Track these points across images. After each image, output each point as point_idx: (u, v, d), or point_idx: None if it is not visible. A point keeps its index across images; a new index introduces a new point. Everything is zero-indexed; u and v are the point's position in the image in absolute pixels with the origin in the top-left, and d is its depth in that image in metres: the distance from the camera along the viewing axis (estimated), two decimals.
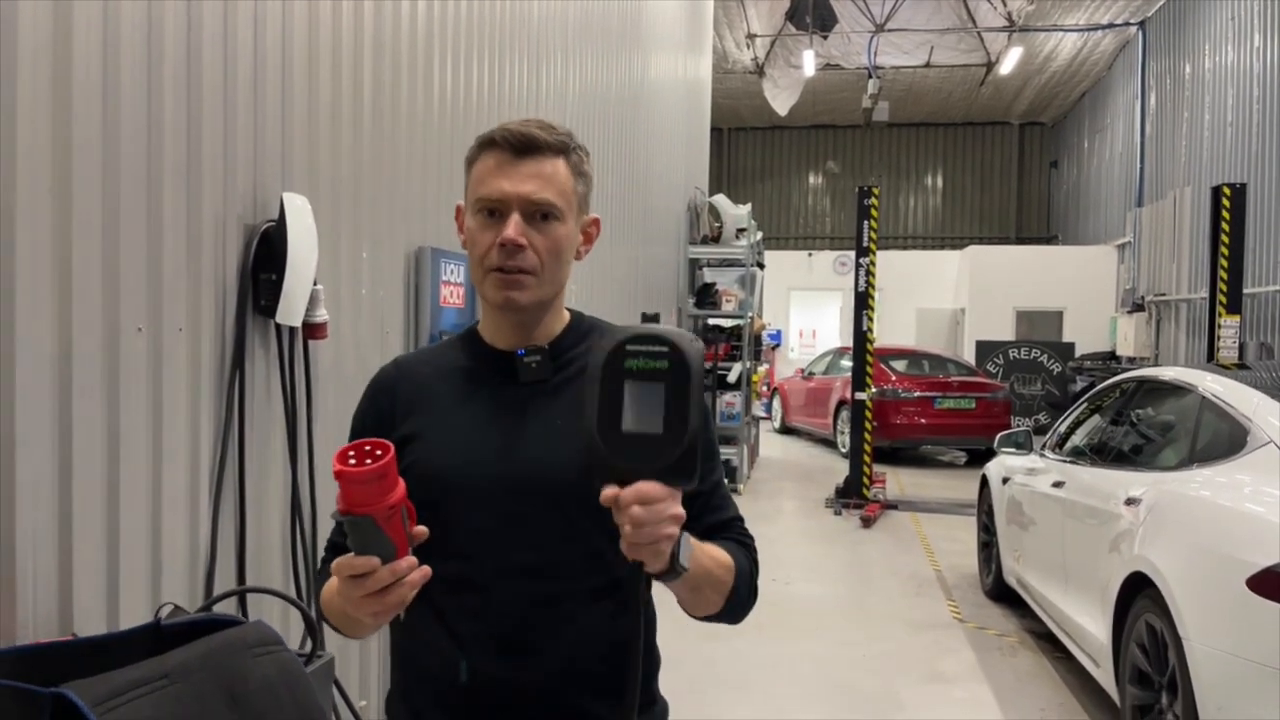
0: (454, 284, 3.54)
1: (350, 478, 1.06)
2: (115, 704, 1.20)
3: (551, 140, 1.29)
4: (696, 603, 1.29)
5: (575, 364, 1.35)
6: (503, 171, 1.28)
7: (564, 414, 1.30)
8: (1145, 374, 4.72)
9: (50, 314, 1.71)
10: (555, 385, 1.35)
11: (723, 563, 1.29)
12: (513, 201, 1.27)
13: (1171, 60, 14.17)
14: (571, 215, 1.32)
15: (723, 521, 1.39)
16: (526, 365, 1.34)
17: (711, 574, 1.26)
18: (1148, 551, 3.26)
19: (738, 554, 1.34)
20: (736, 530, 1.41)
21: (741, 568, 1.33)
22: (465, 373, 1.39)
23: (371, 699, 3.05)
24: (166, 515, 2.04)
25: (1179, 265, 13.03)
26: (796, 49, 16.19)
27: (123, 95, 1.87)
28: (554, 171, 1.29)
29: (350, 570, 1.09)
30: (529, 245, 1.27)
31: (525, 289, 1.29)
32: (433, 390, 1.39)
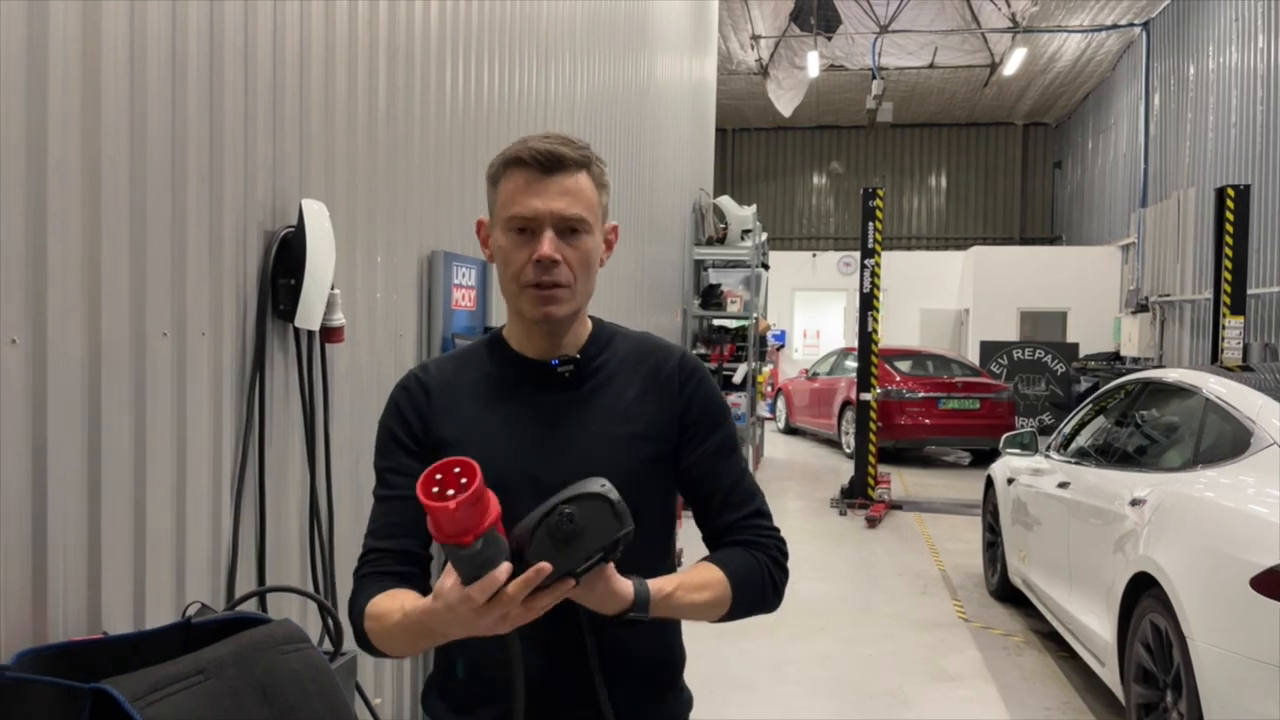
0: (465, 287, 3.58)
1: (445, 514, 1.06)
2: (154, 699, 1.24)
3: (576, 156, 1.33)
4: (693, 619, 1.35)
5: (603, 371, 1.43)
6: (532, 190, 1.31)
7: (596, 420, 1.37)
8: (1150, 376, 4.75)
9: (80, 319, 1.75)
10: (586, 392, 1.40)
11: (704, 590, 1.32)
12: (545, 219, 1.31)
13: (1176, 61, 14.18)
14: (598, 227, 1.37)
15: (738, 520, 1.42)
16: (560, 374, 1.39)
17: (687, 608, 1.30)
18: (1152, 552, 3.30)
19: (737, 563, 1.36)
20: (752, 528, 1.42)
21: (741, 576, 1.35)
22: (497, 380, 1.43)
23: (386, 695, 3.09)
24: (190, 516, 2.08)
25: (1183, 266, 13.05)
26: (801, 50, 16.23)
27: (149, 106, 1.91)
28: (580, 186, 1.33)
29: (494, 587, 1.08)
30: (562, 260, 1.32)
31: (561, 303, 1.34)
32: (466, 397, 1.42)
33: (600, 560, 1.16)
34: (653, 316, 7.98)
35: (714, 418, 1.45)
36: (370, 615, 1.31)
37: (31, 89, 1.63)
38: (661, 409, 1.42)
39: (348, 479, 2.78)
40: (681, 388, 1.44)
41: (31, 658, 1.41)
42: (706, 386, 1.47)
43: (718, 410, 1.47)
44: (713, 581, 1.33)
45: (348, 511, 2.79)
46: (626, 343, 1.47)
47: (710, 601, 1.32)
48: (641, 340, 1.50)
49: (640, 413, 1.41)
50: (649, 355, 1.46)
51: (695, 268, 10.54)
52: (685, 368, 1.46)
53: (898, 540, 7.85)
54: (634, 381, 1.43)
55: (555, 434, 1.37)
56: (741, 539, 1.41)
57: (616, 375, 1.43)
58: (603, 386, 1.41)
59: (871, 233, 9.00)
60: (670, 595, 1.27)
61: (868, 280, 9.00)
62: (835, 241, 22.05)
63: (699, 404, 1.44)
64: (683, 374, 1.44)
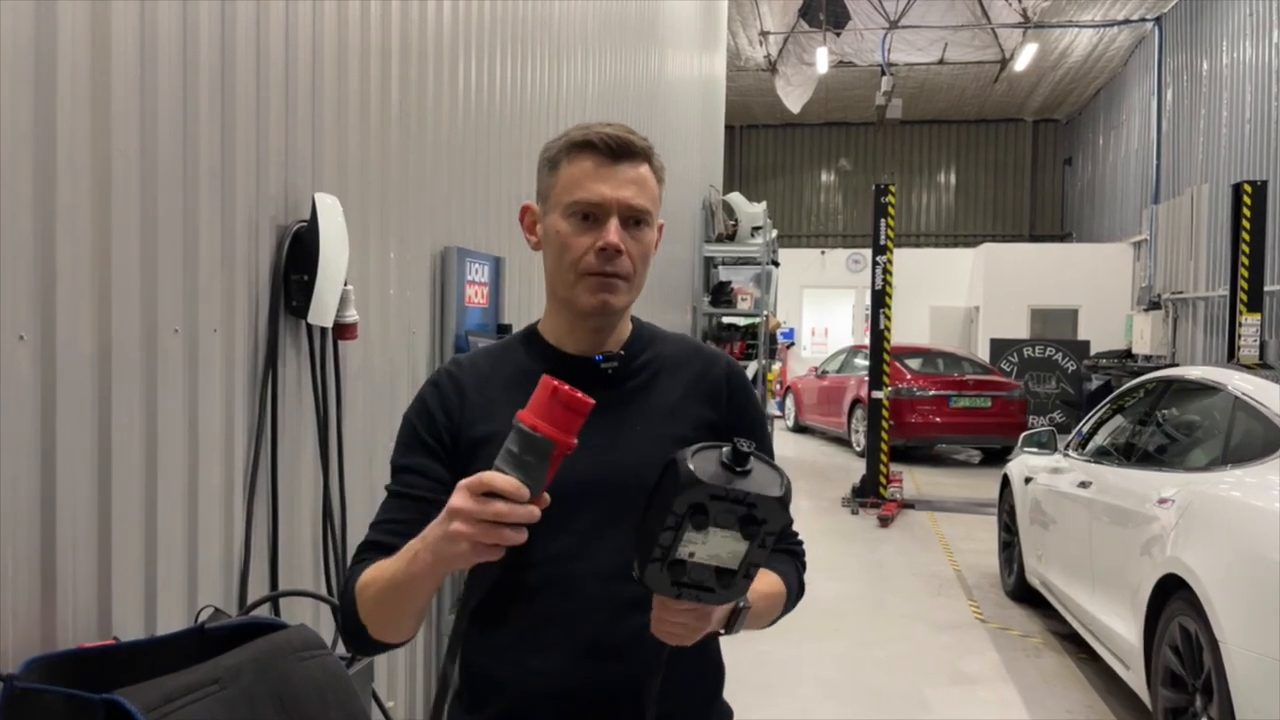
0: (479, 284, 3.53)
1: (566, 400, 1.02)
2: (168, 710, 1.20)
3: (642, 145, 1.30)
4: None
5: (646, 370, 1.38)
6: (600, 175, 1.26)
7: (641, 419, 1.34)
8: (1171, 374, 4.68)
9: (90, 315, 1.71)
10: (629, 391, 1.36)
11: (773, 595, 1.35)
12: (613, 206, 1.26)
13: (1188, 56, 14.07)
14: (654, 220, 1.34)
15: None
16: (604, 371, 1.34)
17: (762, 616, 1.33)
18: (1181, 553, 3.23)
19: (788, 570, 1.41)
20: (789, 538, 1.46)
21: (791, 586, 1.40)
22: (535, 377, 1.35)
23: (399, 699, 3.04)
24: (202, 517, 2.04)
25: (1197, 263, 12.95)
26: (810, 46, 16.15)
27: (159, 100, 1.87)
28: (645, 177, 1.30)
29: (494, 486, 1.00)
30: (625, 250, 1.28)
31: (619, 293, 1.30)
32: (501, 395, 1.33)
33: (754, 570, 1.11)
34: (663, 314, 7.93)
35: (757, 426, 1.44)
36: (359, 588, 1.21)
37: (40, 82, 1.58)
38: (707, 414, 1.38)
39: (361, 478, 2.73)
40: (731, 397, 1.41)
41: (40, 665, 1.36)
42: (752, 397, 1.47)
43: (760, 419, 1.47)
44: (777, 591, 1.36)
45: (361, 511, 2.74)
46: (668, 344, 1.44)
47: (774, 610, 1.37)
48: (683, 342, 1.47)
49: (685, 415, 1.37)
50: (693, 358, 1.43)
51: (705, 265, 10.48)
52: (734, 377, 1.44)
53: (911, 540, 7.78)
54: (678, 383, 1.39)
55: (599, 433, 1.25)
56: (784, 547, 1.45)
57: (660, 375, 1.39)
58: (646, 386, 1.37)
59: (884, 229, 8.93)
60: (755, 603, 1.28)
61: (880, 277, 8.93)
62: (844, 239, 21.98)
63: (747, 416, 1.42)
64: (732, 384, 1.43)
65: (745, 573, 1.08)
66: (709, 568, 1.07)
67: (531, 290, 4.30)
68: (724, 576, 1.08)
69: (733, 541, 1.05)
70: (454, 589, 3.36)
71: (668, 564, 1.07)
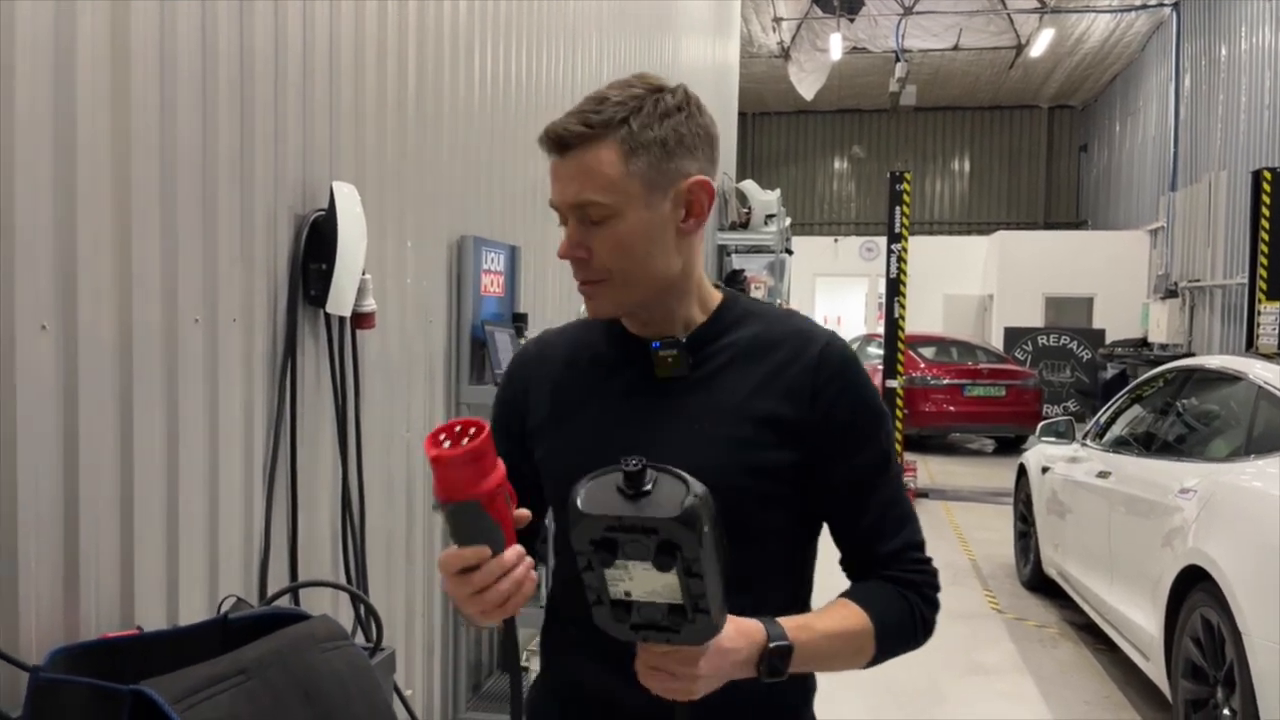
0: (495, 272, 3.52)
1: (445, 462, 0.95)
2: (194, 701, 1.19)
3: (584, 130, 1.10)
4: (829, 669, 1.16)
5: (718, 357, 1.19)
6: (554, 174, 1.15)
7: (701, 416, 1.16)
8: (1191, 363, 4.64)
9: (111, 305, 1.70)
10: (693, 382, 1.18)
11: (841, 635, 1.13)
12: (564, 210, 1.15)
13: (1207, 42, 13.91)
14: (636, 202, 1.11)
15: (888, 554, 1.19)
16: (662, 359, 1.18)
17: (829, 657, 1.13)
18: (1204, 544, 3.21)
19: (884, 603, 1.16)
20: (905, 563, 1.20)
21: (889, 621, 1.16)
22: (601, 360, 1.24)
23: (417, 687, 3.05)
24: (223, 507, 2.04)
25: (1214, 250, 12.83)
26: (823, 32, 16.04)
27: (179, 89, 1.86)
28: (596, 163, 1.10)
29: (459, 564, 0.97)
30: (591, 252, 1.13)
31: (600, 299, 1.16)
32: (566, 377, 1.25)
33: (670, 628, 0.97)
34: None
35: (864, 428, 1.18)
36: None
37: (59, 72, 1.57)
38: (783, 411, 1.15)
39: (379, 468, 2.73)
40: (819, 391, 1.16)
41: (65, 656, 1.36)
42: (855, 387, 1.18)
43: (870, 418, 1.19)
44: (855, 628, 1.13)
45: (379, 501, 2.74)
46: (758, 324, 1.21)
47: (848, 652, 1.14)
48: (778, 322, 1.21)
49: (750, 413, 1.15)
50: (782, 342, 1.18)
51: (718, 253, 10.44)
52: (827, 363, 1.16)
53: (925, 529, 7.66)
54: (753, 374, 1.17)
55: (651, 428, 1.17)
56: (890, 574, 1.19)
57: (734, 364, 1.18)
58: (714, 376, 1.17)
59: (899, 217, 8.87)
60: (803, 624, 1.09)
61: (894, 265, 8.88)
62: (857, 226, 21.87)
63: (844, 411, 1.16)
64: (822, 372, 1.16)
65: (696, 606, 0.95)
66: (658, 605, 0.96)
67: (546, 279, 4.28)
68: (675, 614, 0.96)
69: (657, 574, 0.94)
70: None
71: (610, 606, 0.98)
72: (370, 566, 2.63)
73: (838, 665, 1.15)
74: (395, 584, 2.88)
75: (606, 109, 1.12)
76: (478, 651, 3.61)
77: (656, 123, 1.12)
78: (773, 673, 1.05)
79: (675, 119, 1.13)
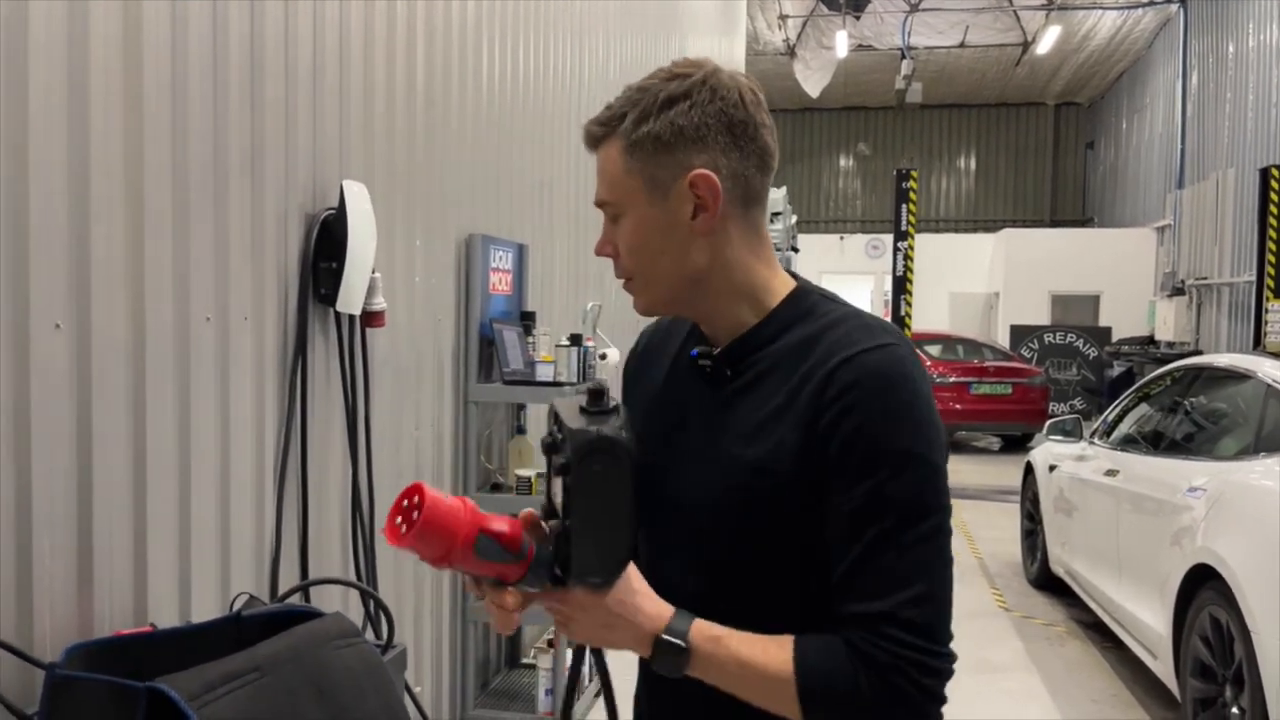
0: (502, 270, 3.52)
1: (411, 546, 0.94)
2: (210, 698, 1.20)
3: (597, 129, 1.08)
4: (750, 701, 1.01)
5: (756, 367, 1.07)
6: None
7: (725, 433, 1.06)
8: (1200, 361, 4.63)
9: (124, 304, 1.71)
10: (730, 395, 1.08)
11: (754, 665, 0.97)
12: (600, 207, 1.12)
13: (1214, 39, 13.86)
14: (639, 199, 1.06)
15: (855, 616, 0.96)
16: (701, 369, 1.11)
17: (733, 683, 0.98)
18: (1212, 543, 3.20)
19: (819, 660, 0.95)
20: (875, 634, 0.94)
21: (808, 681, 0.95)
22: (676, 359, 1.18)
23: (426, 684, 3.06)
24: (234, 504, 2.04)
25: (1221, 248, 12.78)
26: (829, 29, 16.00)
27: (190, 89, 1.86)
28: (606, 161, 1.08)
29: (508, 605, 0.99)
30: (617, 252, 1.11)
31: (635, 297, 1.12)
32: (649, 374, 1.22)
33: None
34: None
35: (863, 459, 0.96)
36: None
37: (73, 74, 1.58)
38: (791, 431, 1.00)
39: (388, 466, 2.74)
40: (824, 409, 0.99)
41: (81, 653, 1.37)
42: (866, 409, 0.97)
43: (875, 448, 0.97)
44: (772, 668, 0.96)
45: (388, 499, 2.74)
46: (810, 327, 1.06)
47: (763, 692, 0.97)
48: (828, 327, 1.05)
49: (771, 433, 1.02)
50: (813, 350, 1.03)
51: None
52: (838, 377, 0.98)
53: None
54: (782, 387, 1.03)
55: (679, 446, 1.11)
56: (849, 637, 0.96)
57: (769, 376, 1.05)
58: (748, 389, 1.06)
59: (905, 215, 8.87)
60: (713, 636, 0.97)
61: (901, 263, 8.88)
62: (862, 224, 21.82)
63: (845, 435, 0.97)
64: (831, 387, 0.98)
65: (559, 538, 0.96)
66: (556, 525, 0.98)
67: (554, 277, 4.29)
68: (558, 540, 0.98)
69: (558, 485, 0.96)
70: None
71: (543, 511, 1.02)
72: (379, 564, 2.64)
73: (754, 697, 0.99)
74: (404, 582, 2.89)
75: (617, 104, 1.08)
76: (485, 649, 3.62)
77: (653, 116, 1.05)
78: (664, 666, 0.98)
79: (675, 109, 1.05)
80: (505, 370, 3.32)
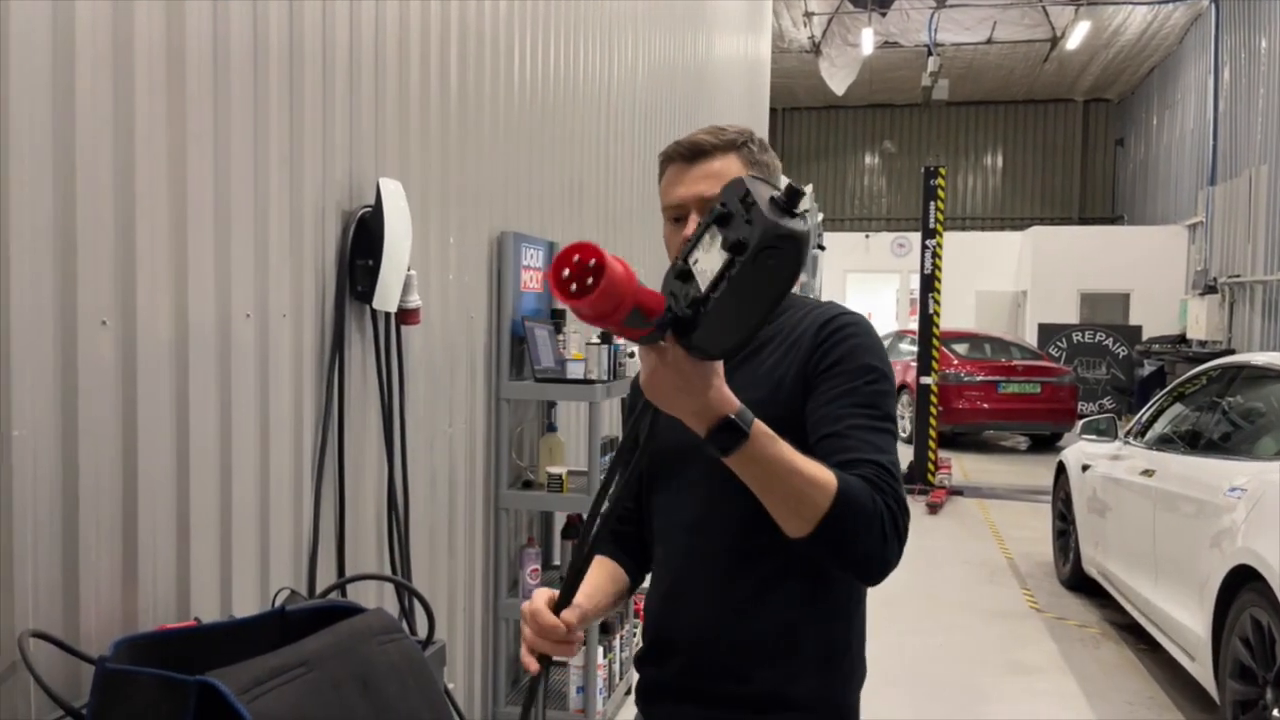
0: (534, 269, 3.53)
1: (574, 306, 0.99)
2: (259, 692, 1.20)
3: (718, 141, 1.37)
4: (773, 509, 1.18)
5: (760, 349, 1.38)
6: (679, 179, 1.39)
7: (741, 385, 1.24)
8: (1237, 360, 4.56)
9: (168, 301, 1.72)
10: (737, 364, 1.36)
11: (798, 467, 1.14)
12: (690, 204, 1.36)
13: (1246, 34, 13.66)
14: None
15: (849, 461, 1.22)
16: None
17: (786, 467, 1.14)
18: (1254, 543, 3.15)
19: (848, 479, 1.18)
20: (865, 470, 1.21)
21: (847, 494, 1.16)
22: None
23: (458, 680, 3.06)
24: (274, 500, 2.06)
25: (1255, 246, 12.60)
26: (854, 27, 15.92)
27: (232, 90, 1.88)
28: (725, 168, 1.35)
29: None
30: None
31: None
32: None
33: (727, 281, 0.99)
34: None
35: (847, 367, 1.29)
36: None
37: (118, 74, 1.59)
38: (789, 368, 1.33)
39: (422, 462, 2.75)
40: (818, 344, 1.32)
41: (128, 647, 1.38)
42: (851, 339, 1.32)
43: (856, 362, 1.30)
44: (816, 474, 1.15)
45: (423, 495, 2.75)
46: (792, 315, 1.40)
47: (813, 479, 1.14)
48: (811, 309, 1.40)
49: (768, 378, 1.34)
50: (801, 322, 1.37)
51: None
52: (829, 322, 1.34)
53: (961, 527, 7.69)
54: (779, 349, 1.37)
55: None
56: (862, 471, 1.21)
57: (765, 345, 1.38)
58: (749, 358, 1.37)
59: (933, 212, 8.79)
60: (771, 434, 1.13)
61: (929, 261, 8.80)
62: (888, 222, 21.71)
63: (832, 353, 1.31)
64: (825, 328, 1.33)
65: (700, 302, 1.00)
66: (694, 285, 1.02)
67: None
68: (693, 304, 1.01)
69: (718, 259, 0.99)
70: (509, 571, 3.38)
71: (676, 268, 1.05)
72: (413, 560, 2.64)
73: (784, 501, 1.16)
74: (438, 578, 2.90)
75: (729, 133, 1.40)
76: (517, 646, 3.62)
77: (763, 151, 1.42)
78: (715, 442, 1.11)
79: (770, 154, 1.44)
80: (537, 368, 3.32)
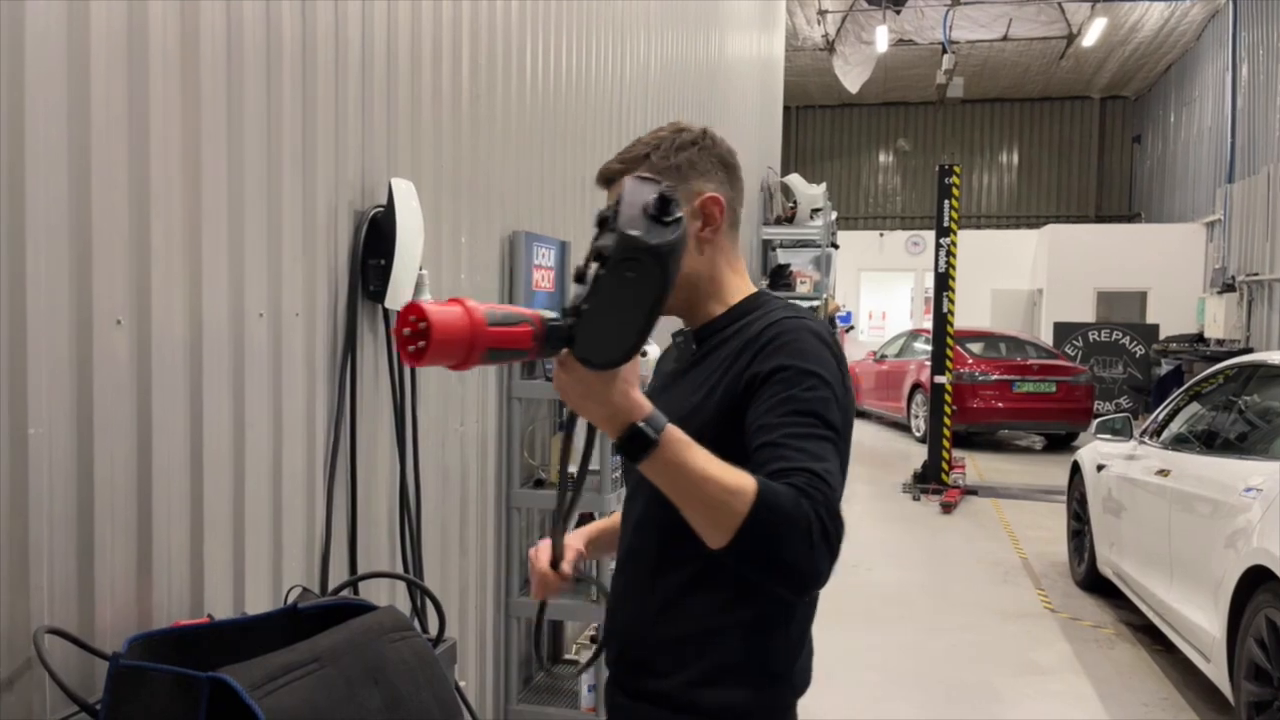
0: (545, 268, 3.53)
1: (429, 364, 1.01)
2: (271, 688, 1.21)
3: (621, 165, 1.40)
4: (691, 518, 1.14)
5: (715, 342, 1.40)
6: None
7: (684, 392, 1.38)
8: (1255, 359, 4.52)
9: (182, 300, 1.74)
10: (692, 364, 1.42)
11: (719, 480, 1.10)
12: None
13: (1265, 30, 13.53)
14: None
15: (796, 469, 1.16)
16: (676, 346, 1.45)
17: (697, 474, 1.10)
18: (1269, 544, 3.13)
19: (773, 487, 1.12)
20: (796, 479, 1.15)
21: (768, 502, 1.10)
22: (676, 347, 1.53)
23: (470, 678, 3.08)
24: (286, 498, 2.07)
25: (1273, 244, 12.49)
26: (868, 24, 15.85)
27: (245, 89, 1.89)
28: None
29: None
30: None
31: None
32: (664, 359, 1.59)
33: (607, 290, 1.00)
34: None
35: (786, 375, 1.24)
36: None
37: (133, 73, 1.61)
38: (724, 374, 1.32)
39: (434, 461, 2.76)
40: (757, 351, 1.29)
41: (142, 643, 1.39)
42: (790, 346, 1.27)
43: (795, 369, 1.25)
44: (732, 480, 1.10)
45: (434, 494, 2.77)
46: (753, 316, 1.37)
47: (729, 486, 1.09)
48: (767, 312, 1.36)
49: (711, 383, 1.33)
50: (751, 326, 1.34)
51: (763, 247, 10.38)
52: (770, 328, 1.30)
53: (975, 527, 7.66)
54: (727, 354, 1.34)
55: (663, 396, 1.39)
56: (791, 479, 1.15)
57: (721, 348, 1.37)
58: (703, 360, 1.40)
59: (947, 211, 8.75)
60: (686, 441, 1.11)
61: (943, 260, 8.77)
62: (902, 220, 21.62)
63: (771, 360, 1.26)
64: (765, 334, 1.30)
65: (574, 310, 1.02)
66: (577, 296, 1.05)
67: None
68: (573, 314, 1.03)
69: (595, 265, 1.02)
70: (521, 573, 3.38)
71: (576, 275, 1.08)
72: (425, 558, 2.66)
73: (701, 510, 1.12)
74: (449, 576, 2.91)
75: (636, 148, 1.41)
76: (528, 645, 3.63)
77: (673, 153, 1.39)
78: (623, 449, 1.10)
79: (689, 151, 1.40)
80: (548, 367, 3.33)
